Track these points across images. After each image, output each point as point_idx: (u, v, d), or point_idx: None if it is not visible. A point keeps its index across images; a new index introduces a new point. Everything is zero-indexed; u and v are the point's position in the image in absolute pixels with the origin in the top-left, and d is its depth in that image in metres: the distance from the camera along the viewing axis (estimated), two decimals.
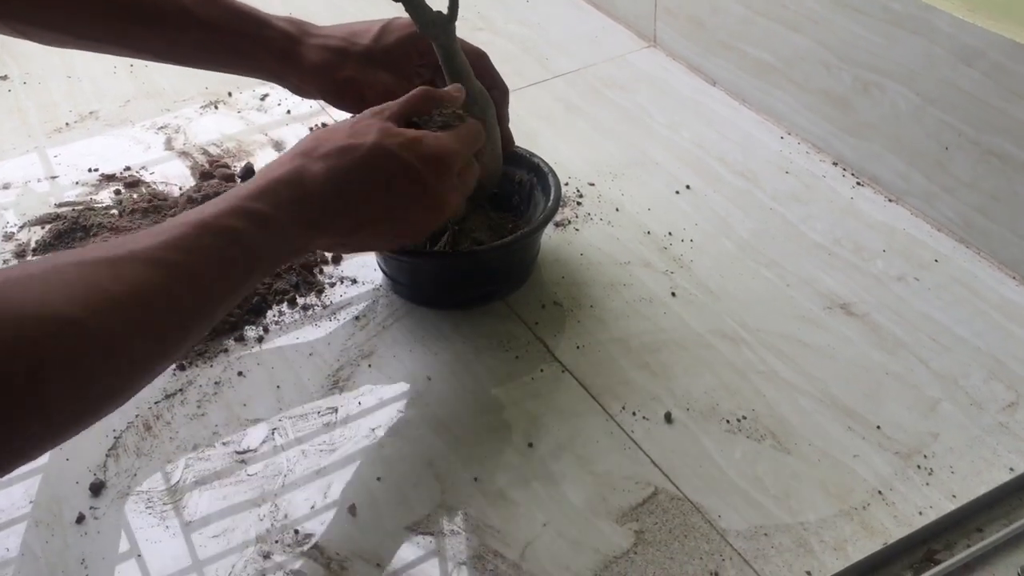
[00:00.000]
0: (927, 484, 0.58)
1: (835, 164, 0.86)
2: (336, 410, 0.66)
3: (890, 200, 0.81)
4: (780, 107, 0.91)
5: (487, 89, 0.71)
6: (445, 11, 0.66)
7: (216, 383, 0.68)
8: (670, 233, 0.79)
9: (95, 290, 0.46)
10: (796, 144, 0.89)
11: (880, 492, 0.58)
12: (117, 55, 0.74)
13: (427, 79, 0.76)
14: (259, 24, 0.72)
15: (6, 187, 0.89)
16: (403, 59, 0.73)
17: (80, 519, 0.59)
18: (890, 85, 0.78)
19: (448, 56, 0.68)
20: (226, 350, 0.70)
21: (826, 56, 0.83)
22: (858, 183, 0.84)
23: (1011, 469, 0.59)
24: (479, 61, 0.73)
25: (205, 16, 0.70)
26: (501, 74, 0.76)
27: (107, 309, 0.45)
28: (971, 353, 0.67)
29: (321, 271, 0.77)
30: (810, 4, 0.83)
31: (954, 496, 0.58)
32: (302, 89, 0.75)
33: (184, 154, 0.92)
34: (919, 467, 0.60)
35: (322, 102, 0.77)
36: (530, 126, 0.92)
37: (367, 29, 0.73)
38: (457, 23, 0.66)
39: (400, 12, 0.66)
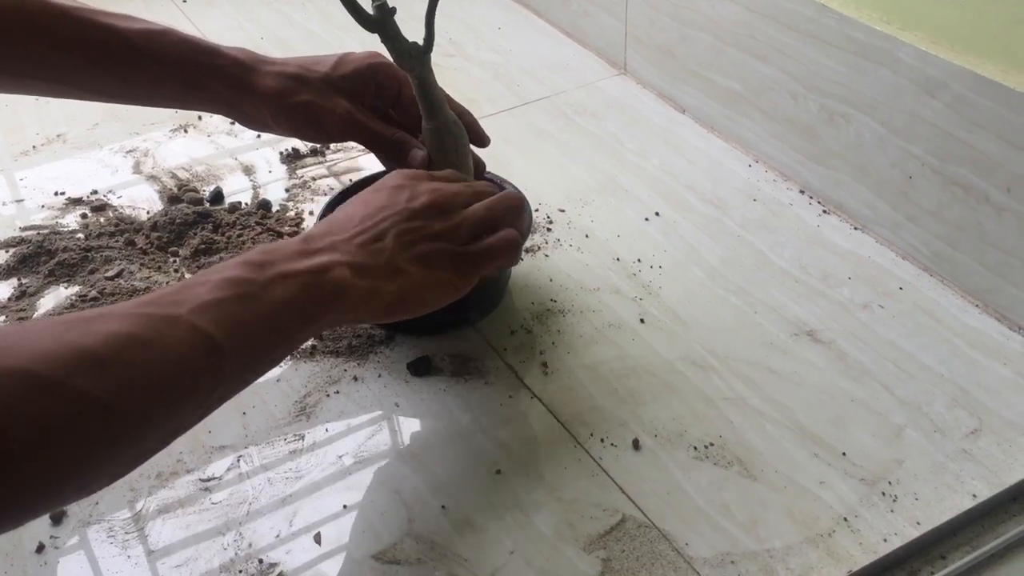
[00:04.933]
0: (892, 511, 0.59)
1: (802, 192, 0.87)
2: (303, 437, 0.65)
3: (856, 228, 0.82)
4: (748, 135, 0.92)
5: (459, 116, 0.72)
6: (421, 42, 0.66)
7: None
8: (639, 260, 0.80)
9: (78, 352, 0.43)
10: (764, 172, 0.90)
11: (846, 519, 0.59)
12: (70, 97, 0.72)
13: (384, 110, 0.76)
14: (209, 53, 0.70)
15: None
16: (361, 88, 0.73)
17: (40, 548, 0.58)
18: (855, 115, 0.79)
19: (423, 87, 0.68)
20: None
21: (793, 86, 0.84)
22: (824, 211, 0.84)
23: (974, 496, 0.59)
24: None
25: (152, 50, 0.68)
26: (473, 101, 0.76)
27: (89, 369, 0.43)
28: (935, 380, 0.68)
29: None
30: (778, 35, 0.84)
31: (918, 523, 0.58)
32: (255, 118, 0.73)
33: (152, 178, 0.92)
34: (884, 494, 0.60)
35: None
36: (501, 152, 0.93)
37: (323, 59, 0.73)
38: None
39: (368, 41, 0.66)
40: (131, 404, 0.44)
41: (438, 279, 0.59)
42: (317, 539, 0.59)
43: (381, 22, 0.65)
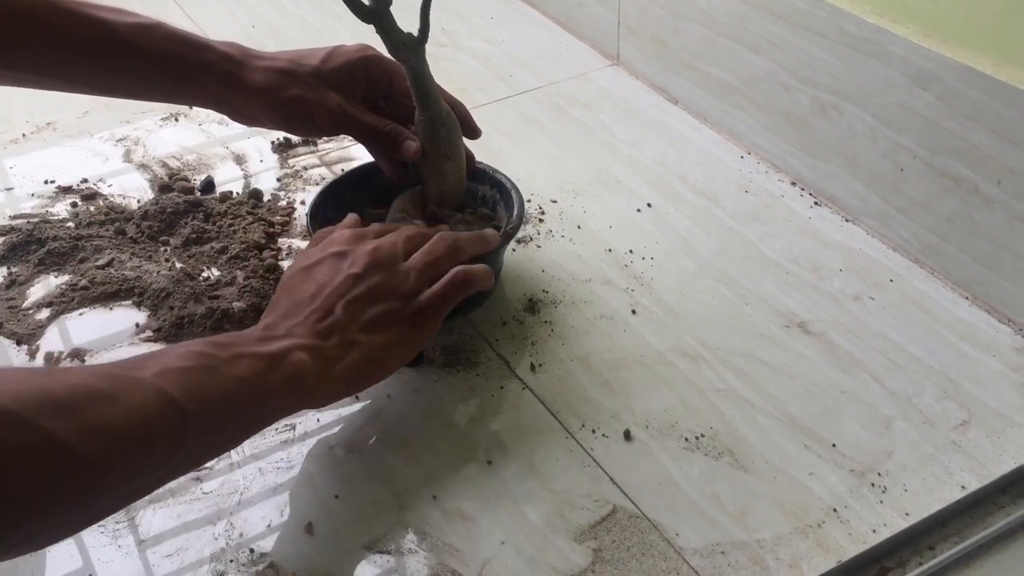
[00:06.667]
0: (881, 502, 0.59)
1: (794, 184, 0.87)
2: (294, 427, 0.65)
3: (847, 220, 0.82)
4: (740, 127, 0.92)
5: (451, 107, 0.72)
6: (416, 33, 0.66)
7: None
8: (631, 251, 0.80)
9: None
10: (756, 164, 0.90)
11: (835, 510, 0.59)
12: (59, 90, 0.71)
13: (374, 103, 0.75)
14: (199, 48, 0.70)
15: None
16: (352, 82, 0.72)
17: None
18: (847, 107, 0.79)
19: (418, 78, 0.68)
20: None
21: (785, 78, 0.84)
22: (816, 203, 0.85)
23: (963, 487, 0.60)
24: None
25: (142, 44, 0.68)
26: (465, 91, 0.76)
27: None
28: (924, 372, 0.68)
29: None
30: (770, 26, 0.84)
31: (907, 514, 0.58)
32: (246, 113, 0.73)
33: (143, 166, 0.91)
34: (873, 485, 0.60)
35: None
36: (494, 143, 0.93)
37: (313, 53, 0.73)
38: None
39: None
40: (94, 452, 0.45)
41: (393, 339, 0.60)
42: (309, 529, 0.59)
43: (377, 13, 0.64)
